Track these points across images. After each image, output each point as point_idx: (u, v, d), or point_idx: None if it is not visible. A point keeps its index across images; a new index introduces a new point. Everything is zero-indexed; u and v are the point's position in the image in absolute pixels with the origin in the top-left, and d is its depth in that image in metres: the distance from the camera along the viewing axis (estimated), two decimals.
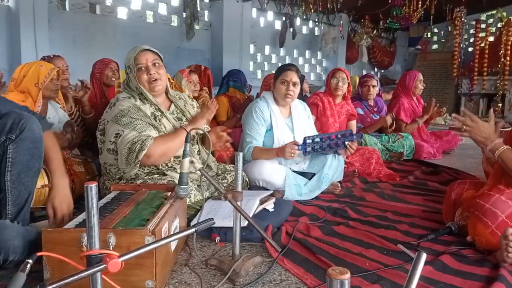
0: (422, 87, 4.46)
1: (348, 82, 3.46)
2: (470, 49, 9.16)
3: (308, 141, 2.51)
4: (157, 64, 2.13)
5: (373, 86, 4.14)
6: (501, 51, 8.01)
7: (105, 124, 2.12)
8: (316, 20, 8.39)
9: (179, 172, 1.56)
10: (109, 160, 2.13)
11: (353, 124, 3.65)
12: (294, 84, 2.65)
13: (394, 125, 4.10)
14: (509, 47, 7.92)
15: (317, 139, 2.54)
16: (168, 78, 2.94)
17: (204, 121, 2.28)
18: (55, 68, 2.57)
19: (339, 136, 2.60)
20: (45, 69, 2.50)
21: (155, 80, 2.11)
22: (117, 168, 2.13)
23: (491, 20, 8.93)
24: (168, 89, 2.27)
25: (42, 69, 2.49)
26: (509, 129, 1.95)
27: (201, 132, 2.19)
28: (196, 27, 6.27)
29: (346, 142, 2.59)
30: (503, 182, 1.78)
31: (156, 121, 2.14)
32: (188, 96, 2.49)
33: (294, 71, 2.67)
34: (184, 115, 2.30)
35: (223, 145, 2.34)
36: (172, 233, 1.53)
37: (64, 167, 1.75)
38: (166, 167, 2.16)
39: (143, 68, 2.10)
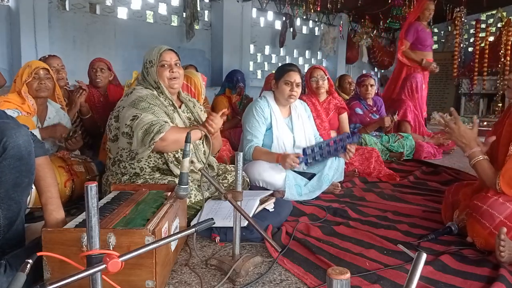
0: None
1: (328, 78, 3.45)
2: (470, 49, 9.14)
3: (308, 152, 2.57)
4: (178, 64, 2.27)
5: (371, 85, 4.13)
6: (501, 51, 7.99)
7: (119, 111, 2.17)
8: (316, 20, 8.37)
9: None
10: (122, 144, 2.16)
11: (344, 117, 3.62)
12: (298, 85, 2.69)
13: (391, 127, 4.09)
14: (509, 47, 7.91)
15: (317, 149, 2.58)
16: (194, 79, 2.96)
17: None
18: (41, 68, 2.50)
19: (337, 141, 2.61)
20: (30, 68, 2.47)
21: (175, 78, 2.23)
22: (128, 151, 2.16)
23: (491, 20, 8.91)
24: (179, 91, 2.38)
25: (27, 68, 2.48)
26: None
27: (203, 132, 2.21)
28: (196, 27, 6.26)
29: (347, 145, 2.60)
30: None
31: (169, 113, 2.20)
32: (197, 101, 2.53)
33: (297, 71, 2.71)
34: (192, 115, 2.38)
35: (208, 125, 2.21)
36: (172, 233, 1.53)
37: (59, 198, 1.59)
38: (173, 157, 2.18)
39: (166, 65, 2.21)
